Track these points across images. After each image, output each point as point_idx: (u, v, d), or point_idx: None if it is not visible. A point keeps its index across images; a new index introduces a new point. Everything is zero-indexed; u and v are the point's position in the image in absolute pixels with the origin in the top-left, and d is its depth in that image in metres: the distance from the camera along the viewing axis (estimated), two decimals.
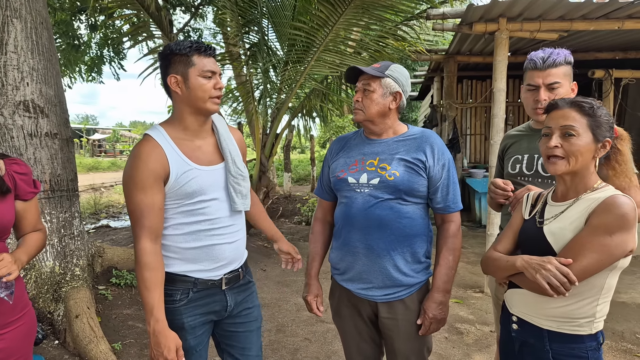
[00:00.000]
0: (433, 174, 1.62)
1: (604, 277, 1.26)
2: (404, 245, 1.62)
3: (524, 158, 1.86)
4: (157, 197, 1.45)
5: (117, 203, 10.74)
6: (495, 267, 1.45)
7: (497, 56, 4.10)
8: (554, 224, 1.33)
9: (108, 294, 3.71)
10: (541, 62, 1.72)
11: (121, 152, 31.99)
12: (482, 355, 3.10)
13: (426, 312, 1.64)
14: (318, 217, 1.91)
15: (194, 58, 1.48)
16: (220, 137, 1.62)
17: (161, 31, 5.17)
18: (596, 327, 1.29)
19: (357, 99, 1.65)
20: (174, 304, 1.53)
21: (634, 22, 3.86)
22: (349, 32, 5.06)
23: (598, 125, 1.29)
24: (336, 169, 1.73)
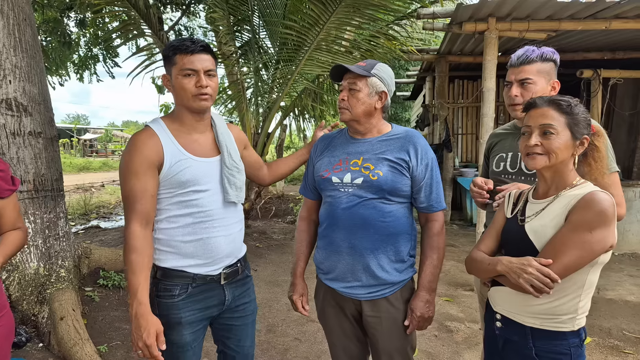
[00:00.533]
0: (416, 173, 1.62)
1: (585, 273, 1.26)
2: (388, 244, 1.62)
3: (507, 156, 1.87)
4: (149, 183, 1.48)
5: (107, 203, 10.65)
6: (477, 268, 1.45)
7: (486, 55, 4.12)
8: (535, 222, 1.33)
9: (95, 296, 3.66)
10: (515, 59, 1.75)
11: (113, 152, 31.74)
12: (471, 353, 3.10)
13: (414, 311, 1.64)
14: (303, 216, 1.90)
15: (175, 57, 1.51)
16: (218, 131, 1.66)
17: (150, 29, 5.12)
18: (578, 323, 1.29)
19: (343, 97, 1.64)
20: (172, 298, 1.54)
21: (621, 22, 3.89)
22: (341, 32, 5.04)
23: (576, 123, 1.30)
24: (320, 168, 1.73)
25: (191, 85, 1.51)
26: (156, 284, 1.57)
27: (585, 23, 3.91)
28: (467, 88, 8.02)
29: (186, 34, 9.04)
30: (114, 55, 8.57)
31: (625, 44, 5.73)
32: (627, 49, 5.96)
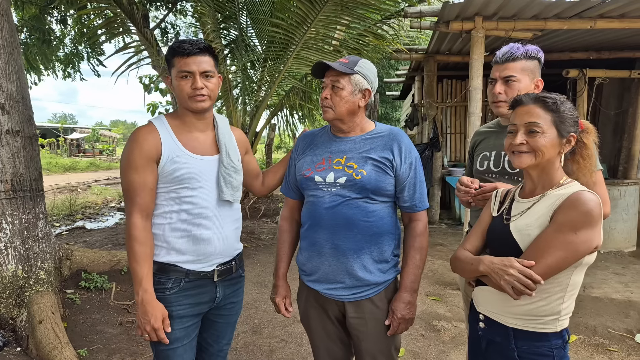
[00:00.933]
0: (400, 172, 1.60)
1: (569, 274, 1.24)
2: (371, 244, 1.59)
3: (491, 155, 1.85)
4: (149, 177, 1.54)
5: (93, 204, 10.49)
6: (461, 268, 1.43)
7: (473, 54, 4.12)
8: (520, 221, 1.31)
9: (76, 298, 3.59)
10: (500, 56, 1.73)
11: (101, 152, 31.34)
12: (458, 353, 3.08)
13: (394, 313, 1.61)
14: (285, 216, 1.86)
15: (174, 60, 1.57)
16: (219, 131, 1.70)
17: (134, 26, 5.04)
18: (561, 324, 1.27)
19: (326, 95, 1.59)
20: (164, 291, 1.58)
21: (605, 22, 3.91)
22: (329, 30, 5.01)
23: (562, 120, 1.27)
24: (302, 167, 1.69)
25: (187, 87, 1.56)
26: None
27: (570, 22, 3.92)
28: (456, 87, 8.04)
29: (172, 32, 8.93)
30: (99, 54, 8.43)
31: (610, 44, 5.78)
32: (612, 49, 6.02)
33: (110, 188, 13.43)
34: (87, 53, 8.47)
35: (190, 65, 1.54)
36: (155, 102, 9.49)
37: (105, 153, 31.40)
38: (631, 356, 2.97)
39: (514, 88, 1.69)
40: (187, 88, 1.56)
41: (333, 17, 4.74)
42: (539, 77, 1.72)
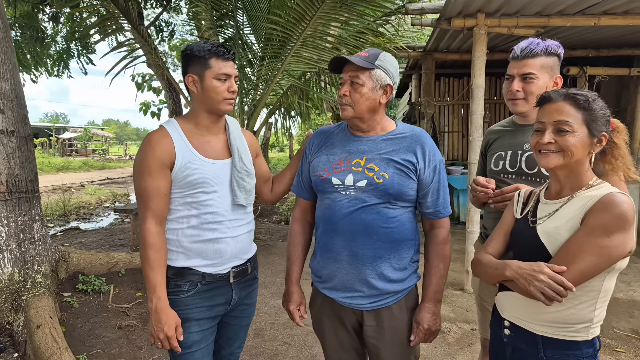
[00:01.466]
0: (424, 177, 1.51)
1: (601, 279, 1.19)
2: (391, 252, 1.51)
3: (507, 155, 1.79)
4: (162, 183, 1.52)
5: (87, 204, 10.36)
6: (484, 273, 1.37)
7: (475, 52, 4.06)
8: (547, 224, 1.26)
9: (74, 302, 3.50)
10: (519, 52, 1.67)
11: (93, 152, 31.02)
12: (464, 355, 3.04)
13: (420, 324, 1.55)
14: (297, 218, 1.77)
15: (211, 61, 1.55)
16: (231, 134, 1.69)
17: (129, 23, 4.94)
18: (593, 332, 1.22)
19: (345, 92, 1.49)
20: (181, 294, 1.57)
21: (609, 19, 3.88)
22: (327, 27, 4.94)
23: (594, 119, 1.21)
24: (317, 166, 1.59)
25: (224, 89, 1.57)
26: (167, 282, 1.58)
27: (574, 19, 3.88)
28: (453, 86, 8.01)
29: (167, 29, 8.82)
30: (90, 52, 8.29)
31: (609, 42, 5.76)
32: (611, 47, 6.00)
33: (104, 188, 13.28)
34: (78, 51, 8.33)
35: (229, 68, 1.57)
36: (148, 102, 9.36)
37: (98, 152, 31.08)
38: (639, 357, 2.95)
39: (532, 86, 1.63)
40: (223, 90, 1.57)
41: (332, 14, 4.67)
42: (558, 74, 1.66)
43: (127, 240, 6.44)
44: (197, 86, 1.58)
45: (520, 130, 1.77)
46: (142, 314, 3.60)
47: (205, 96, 1.58)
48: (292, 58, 4.98)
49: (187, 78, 1.59)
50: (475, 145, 4.14)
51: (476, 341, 3.23)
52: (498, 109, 7.97)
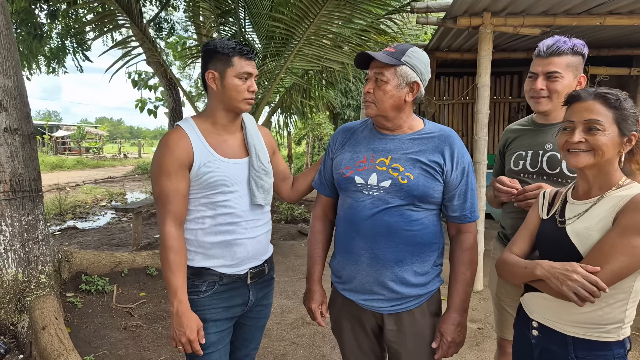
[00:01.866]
0: (451, 179, 1.45)
1: (632, 280, 1.18)
2: (414, 255, 1.46)
3: (527, 154, 1.77)
4: (181, 184, 1.50)
5: (83, 203, 10.27)
6: (512, 273, 1.35)
7: (481, 51, 4.06)
8: (577, 224, 1.24)
9: (77, 302, 3.46)
10: (545, 49, 1.64)
11: (87, 150, 30.76)
12: (473, 354, 3.04)
13: (444, 336, 1.49)
14: (318, 215, 1.73)
15: (234, 59, 1.53)
16: (248, 133, 1.66)
17: (131, 20, 4.88)
18: (624, 333, 1.21)
19: (369, 90, 1.45)
20: (198, 294, 1.56)
21: (615, 18, 3.89)
22: (331, 25, 4.92)
23: (624, 118, 1.21)
24: (341, 164, 1.55)
25: (244, 88, 1.55)
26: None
27: (580, 19, 3.89)
28: (453, 85, 8.02)
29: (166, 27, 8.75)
30: (86, 49, 8.20)
31: (610, 42, 5.80)
32: (611, 47, 6.03)
33: (100, 187, 13.18)
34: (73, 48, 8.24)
35: (251, 68, 1.56)
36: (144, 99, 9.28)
37: (92, 151, 30.83)
38: None
39: (558, 84, 1.61)
40: (244, 89, 1.55)
41: (336, 12, 4.64)
42: (582, 74, 1.65)
43: (127, 239, 6.39)
44: (217, 83, 1.55)
45: (541, 129, 1.76)
46: (147, 314, 3.57)
47: (225, 94, 1.56)
48: (295, 56, 4.95)
49: (207, 74, 1.56)
50: (481, 145, 4.14)
51: (484, 340, 3.23)
52: (498, 108, 7.99)
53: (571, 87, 1.62)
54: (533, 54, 1.70)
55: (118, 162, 24.36)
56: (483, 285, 4.24)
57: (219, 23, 5.47)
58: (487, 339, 3.24)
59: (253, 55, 1.57)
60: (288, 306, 3.85)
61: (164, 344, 3.12)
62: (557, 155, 1.67)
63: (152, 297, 3.86)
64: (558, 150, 1.66)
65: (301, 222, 7.51)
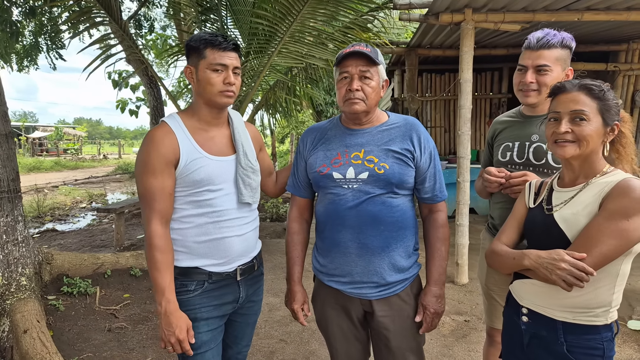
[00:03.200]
0: (421, 163, 1.55)
1: (618, 263, 1.21)
2: (398, 240, 1.54)
3: (514, 146, 1.80)
4: (167, 182, 1.47)
5: (62, 205, 10.04)
6: (501, 263, 1.38)
7: (463, 47, 4.10)
8: (565, 210, 1.27)
9: (59, 305, 3.38)
10: (535, 42, 1.66)
11: (65, 151, 30.06)
12: (460, 346, 3.07)
13: (427, 308, 1.57)
14: (294, 217, 1.76)
15: (206, 51, 1.50)
16: (235, 129, 1.63)
17: (110, 16, 4.78)
18: (612, 316, 1.24)
19: (358, 87, 1.49)
20: (188, 294, 1.52)
21: (592, 14, 3.98)
22: (315, 22, 4.90)
23: (608, 108, 1.24)
24: (315, 163, 1.59)
25: (219, 81, 1.51)
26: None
27: (558, 14, 3.97)
28: (435, 81, 8.09)
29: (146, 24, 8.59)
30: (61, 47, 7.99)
31: (587, 38, 5.93)
32: (589, 43, 6.17)
33: (79, 188, 12.90)
34: (47, 46, 8.02)
35: (225, 59, 1.51)
36: (125, 99, 9.12)
37: (70, 152, 30.15)
38: (626, 343, 3.04)
39: (547, 78, 1.63)
40: (218, 82, 1.51)
41: (319, 8, 4.63)
42: (569, 67, 1.68)
43: (109, 240, 6.27)
44: (193, 77, 1.54)
45: (527, 121, 1.78)
46: (132, 315, 3.51)
47: (200, 88, 1.53)
48: (278, 53, 4.92)
49: (185, 70, 1.55)
50: (464, 140, 4.19)
51: (471, 332, 3.27)
52: (480, 104, 8.10)
53: (560, 80, 1.64)
54: (522, 47, 1.71)
55: (98, 163, 23.87)
56: (469, 279, 4.30)
57: (201, 20, 5.40)
58: (473, 331, 3.28)
59: (228, 45, 1.51)
60: (276, 304, 3.83)
61: (150, 345, 3.07)
62: (542, 146, 1.70)
63: (137, 298, 3.80)
64: (544, 142, 1.69)
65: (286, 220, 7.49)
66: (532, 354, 1.33)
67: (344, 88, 1.51)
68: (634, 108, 6.56)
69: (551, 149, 1.31)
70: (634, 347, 2.97)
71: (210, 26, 5.55)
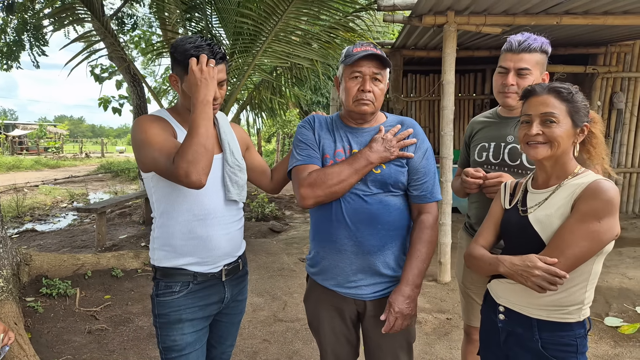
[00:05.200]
0: (414, 162, 1.55)
1: (591, 263, 1.25)
2: (394, 240, 1.54)
3: (490, 146, 1.83)
4: (171, 138, 1.44)
5: (42, 204, 9.84)
6: (478, 267, 1.42)
7: (446, 49, 4.15)
8: (539, 212, 1.30)
9: (38, 306, 3.32)
10: (517, 45, 1.68)
11: (46, 150, 29.45)
12: (442, 343, 3.11)
13: (392, 306, 1.48)
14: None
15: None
16: (220, 129, 1.63)
17: (92, 13, 4.71)
18: (584, 313, 1.27)
19: (370, 89, 1.49)
20: (172, 295, 1.51)
21: (571, 18, 4.07)
22: (299, 22, 4.91)
23: (576, 110, 1.28)
24: (324, 149, 1.56)
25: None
26: (156, 284, 1.54)
27: (538, 18, 4.05)
28: (419, 82, 8.17)
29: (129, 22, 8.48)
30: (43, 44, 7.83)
31: (566, 41, 6.05)
32: (568, 46, 6.30)
33: (60, 187, 12.66)
34: (30, 43, 7.85)
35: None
36: (107, 97, 8.98)
37: (51, 150, 29.55)
38: (603, 339, 3.11)
39: (527, 81, 1.66)
40: None
41: (304, 8, 4.64)
42: (546, 71, 1.72)
43: (90, 241, 6.17)
44: (178, 86, 1.53)
45: (504, 122, 1.82)
46: (113, 317, 3.46)
47: (184, 99, 1.52)
48: (263, 52, 4.91)
49: (170, 77, 1.54)
50: (447, 140, 4.24)
51: (452, 330, 3.32)
52: (463, 105, 8.20)
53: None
54: (502, 49, 1.74)
55: (79, 162, 23.46)
56: (451, 277, 4.35)
57: (185, 19, 5.36)
58: (455, 329, 3.33)
59: (216, 59, 1.46)
60: (260, 304, 3.82)
61: (131, 347, 3.04)
62: (517, 147, 1.73)
63: (118, 300, 3.75)
64: (519, 143, 1.72)
65: (272, 220, 7.47)
66: (509, 350, 1.36)
67: (355, 87, 1.50)
68: (612, 110, 6.72)
69: (524, 150, 1.34)
70: (610, 343, 3.05)
71: (195, 25, 5.51)
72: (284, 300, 3.89)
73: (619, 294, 3.87)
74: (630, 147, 6.89)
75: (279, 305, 3.80)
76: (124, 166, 17.59)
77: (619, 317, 3.43)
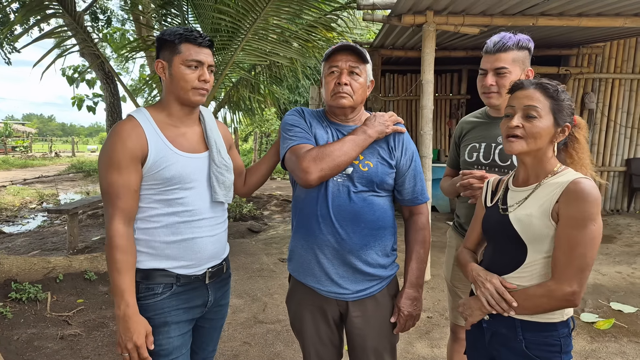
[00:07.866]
0: (401, 164, 1.55)
1: None
2: (376, 239, 1.54)
3: (481, 146, 1.84)
4: (132, 178, 1.39)
5: (10, 205, 9.48)
6: (462, 271, 1.47)
7: (425, 48, 4.18)
8: (519, 211, 1.31)
9: (7, 312, 3.18)
10: (492, 46, 1.71)
11: (13, 149, 28.40)
12: (423, 342, 3.13)
13: (401, 310, 1.57)
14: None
15: (181, 46, 1.45)
16: (207, 126, 1.58)
17: (63, 8, 4.54)
18: (567, 313, 1.28)
19: (347, 82, 1.49)
20: (154, 297, 1.46)
21: (546, 19, 4.16)
22: (279, 20, 4.85)
23: (560, 109, 1.28)
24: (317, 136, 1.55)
25: (194, 77, 1.46)
26: (137, 286, 1.45)
27: (514, 19, 4.12)
28: (398, 82, 8.22)
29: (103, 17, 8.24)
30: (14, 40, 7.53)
31: (541, 42, 6.19)
32: (542, 47, 6.45)
33: (29, 188, 12.22)
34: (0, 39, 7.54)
35: (201, 55, 1.46)
36: (81, 95, 8.71)
37: (19, 149, 28.52)
38: (579, 335, 3.19)
39: (506, 79, 1.68)
40: (192, 78, 1.45)
41: (283, 6, 4.59)
42: (529, 67, 1.73)
43: (61, 243, 5.97)
44: (165, 72, 1.48)
45: (493, 122, 1.83)
46: (86, 321, 3.35)
47: (173, 84, 1.47)
48: (242, 50, 4.84)
49: (156, 64, 1.49)
50: (426, 139, 4.27)
51: (433, 329, 3.34)
52: (440, 105, 8.30)
53: None
54: (482, 51, 1.76)
55: (49, 161, 22.70)
56: (431, 275, 4.39)
57: (161, 14, 5.23)
58: (436, 327, 3.35)
59: (204, 41, 1.47)
60: (239, 305, 3.77)
61: (106, 352, 2.94)
62: None
63: (92, 304, 3.63)
64: None
65: (250, 220, 7.39)
66: (494, 350, 1.36)
67: (332, 82, 1.51)
68: (584, 110, 6.92)
69: (504, 144, 1.34)
70: (586, 339, 3.12)
71: (170, 21, 5.39)
72: (264, 302, 3.84)
73: (594, 290, 3.98)
74: (600, 146, 7.11)
75: (259, 306, 3.75)
76: (95, 166, 17.10)
77: (594, 312, 3.53)
